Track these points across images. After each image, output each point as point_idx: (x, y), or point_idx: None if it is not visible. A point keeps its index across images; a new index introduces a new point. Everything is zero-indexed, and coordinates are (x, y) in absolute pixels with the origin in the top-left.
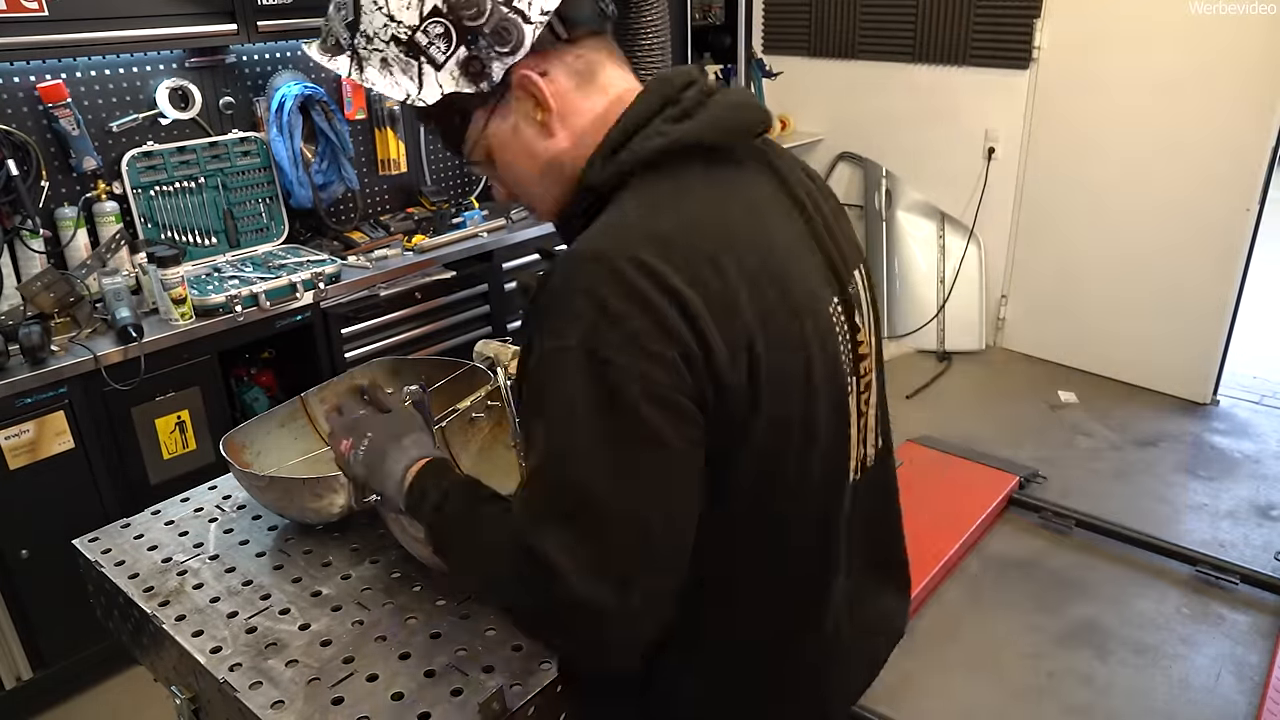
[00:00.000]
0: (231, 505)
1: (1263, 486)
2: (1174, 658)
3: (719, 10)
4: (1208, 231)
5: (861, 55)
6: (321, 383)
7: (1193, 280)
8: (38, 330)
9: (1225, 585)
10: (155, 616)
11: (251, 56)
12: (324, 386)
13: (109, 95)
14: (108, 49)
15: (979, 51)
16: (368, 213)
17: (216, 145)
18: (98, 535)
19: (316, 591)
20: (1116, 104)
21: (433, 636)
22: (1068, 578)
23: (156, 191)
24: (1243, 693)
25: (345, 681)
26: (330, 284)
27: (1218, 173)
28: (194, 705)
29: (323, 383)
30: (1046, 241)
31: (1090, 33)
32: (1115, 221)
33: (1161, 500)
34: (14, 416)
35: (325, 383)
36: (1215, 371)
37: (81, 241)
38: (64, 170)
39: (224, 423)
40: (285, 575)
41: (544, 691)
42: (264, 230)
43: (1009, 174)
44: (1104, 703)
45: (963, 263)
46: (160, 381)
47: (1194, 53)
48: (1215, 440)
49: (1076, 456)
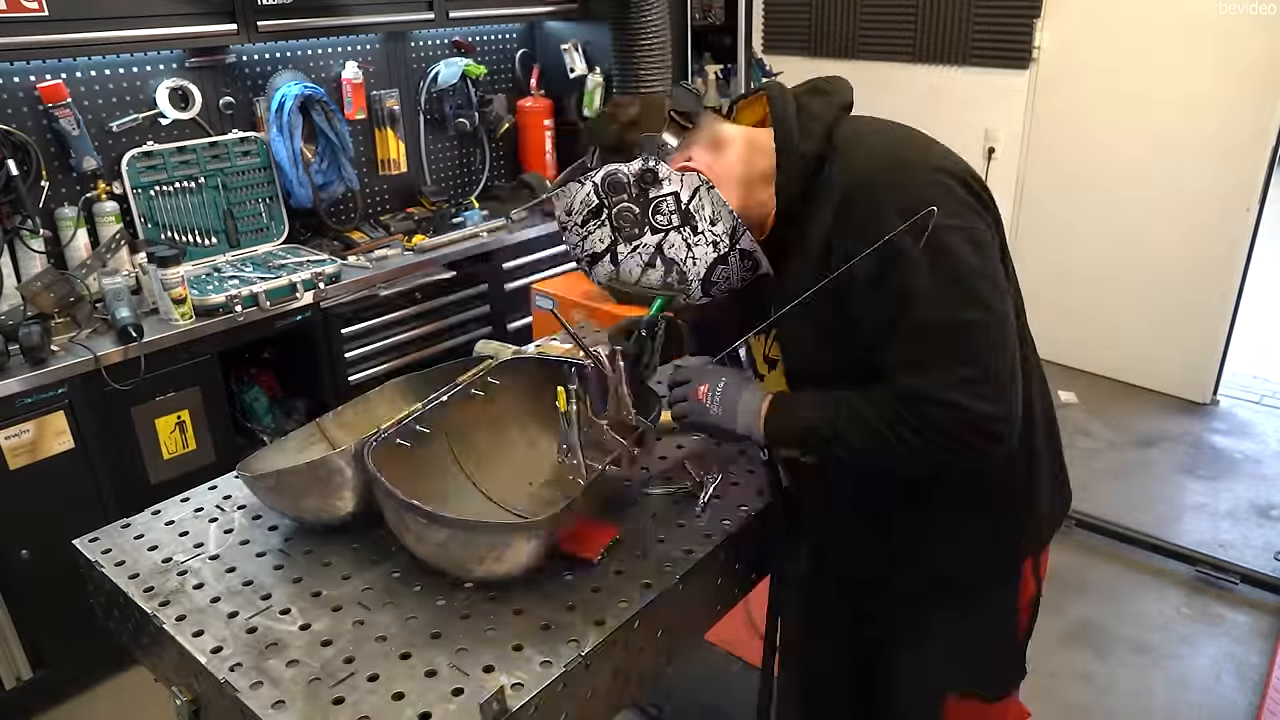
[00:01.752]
0: (231, 505)
1: (1263, 486)
2: (1174, 658)
3: (719, 10)
4: (1208, 231)
5: (861, 55)
6: (335, 376)
7: (1193, 280)
8: (38, 330)
9: (1225, 585)
10: (155, 616)
11: (251, 56)
12: (339, 411)
13: (109, 95)
14: (108, 49)
15: (979, 51)
16: (368, 213)
17: (216, 145)
18: (98, 535)
19: (317, 591)
20: (1116, 104)
21: (433, 636)
22: (1068, 578)
23: (156, 191)
24: (1243, 693)
25: (346, 681)
26: (330, 284)
27: (1218, 173)
28: (194, 706)
29: (338, 408)
30: (1046, 241)
31: (1090, 33)
32: (1115, 221)
33: (1161, 500)
34: (14, 416)
35: (340, 408)
36: (1215, 371)
37: (81, 241)
38: (64, 170)
39: (224, 423)
40: (286, 575)
41: (544, 691)
42: (264, 230)
43: (1009, 174)
44: (1103, 702)
45: None
46: (160, 381)
47: (1194, 53)
48: (1215, 440)
49: (1076, 456)
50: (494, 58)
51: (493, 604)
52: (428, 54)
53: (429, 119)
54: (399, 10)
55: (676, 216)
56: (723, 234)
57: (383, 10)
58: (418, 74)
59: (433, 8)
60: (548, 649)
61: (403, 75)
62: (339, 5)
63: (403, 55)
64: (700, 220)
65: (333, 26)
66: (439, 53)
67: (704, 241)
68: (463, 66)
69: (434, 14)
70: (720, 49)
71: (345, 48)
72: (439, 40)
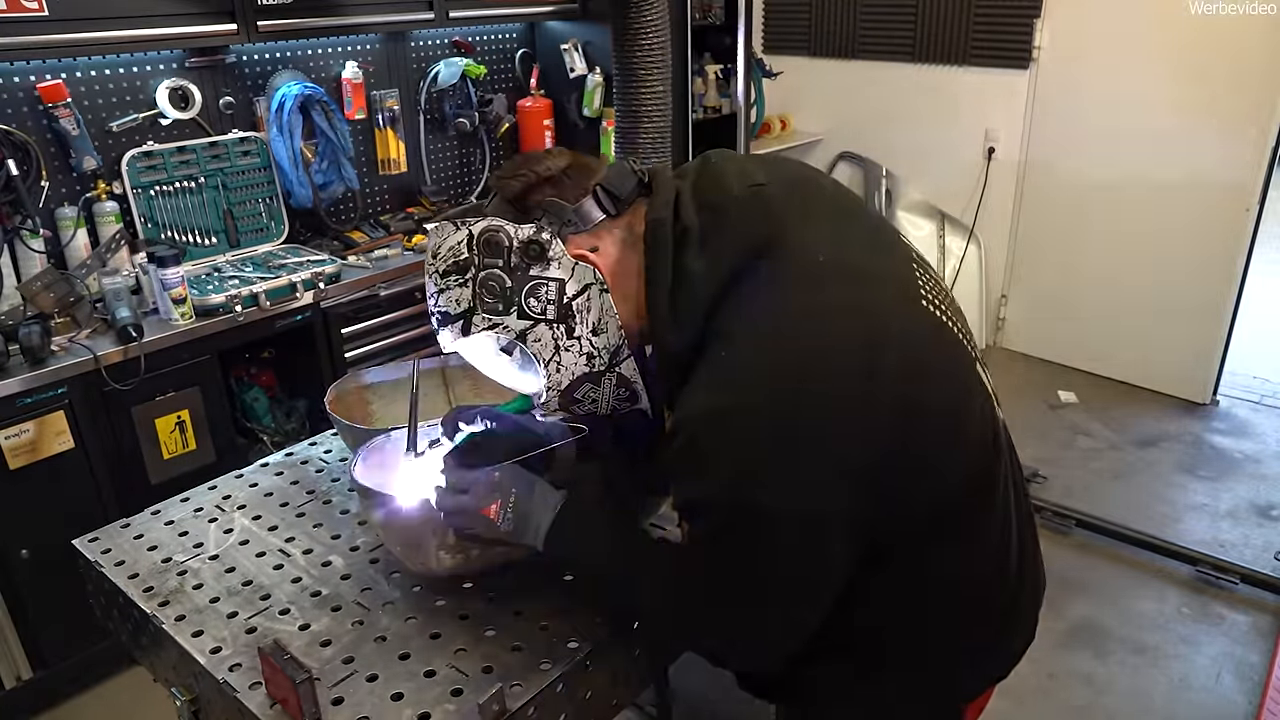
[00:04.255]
0: (231, 505)
1: (1263, 486)
2: (1174, 658)
3: (719, 10)
4: (1208, 231)
5: (861, 55)
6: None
7: (1193, 280)
8: (38, 330)
9: (1225, 585)
10: (155, 616)
11: (251, 56)
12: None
13: (109, 95)
14: (108, 49)
15: (979, 51)
16: (368, 212)
17: (216, 145)
18: (98, 535)
19: (316, 592)
20: (1116, 104)
21: (433, 636)
22: (1068, 578)
23: (156, 191)
24: (1243, 693)
25: (345, 681)
26: (330, 284)
27: (1218, 173)
28: (194, 706)
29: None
30: (1046, 241)
31: (1090, 33)
32: (1115, 222)
33: (1161, 500)
34: (14, 416)
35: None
36: (1215, 371)
37: (81, 241)
38: (64, 170)
39: (224, 423)
40: (285, 575)
41: (544, 691)
42: (264, 230)
43: (1009, 174)
44: (1104, 703)
45: (963, 263)
46: (160, 381)
47: (1194, 53)
48: (1215, 440)
49: (1076, 456)
50: (494, 58)
51: (492, 605)
52: (428, 54)
53: (429, 119)
54: (399, 10)
55: (554, 309)
56: (602, 349)
57: (383, 10)
58: (418, 74)
59: (433, 8)
60: (546, 650)
61: (403, 75)
62: (339, 5)
63: (403, 55)
64: (580, 325)
65: (333, 26)
66: (439, 53)
67: (577, 350)
68: (463, 66)
69: (434, 14)
70: (720, 49)
71: (345, 48)
72: (439, 40)
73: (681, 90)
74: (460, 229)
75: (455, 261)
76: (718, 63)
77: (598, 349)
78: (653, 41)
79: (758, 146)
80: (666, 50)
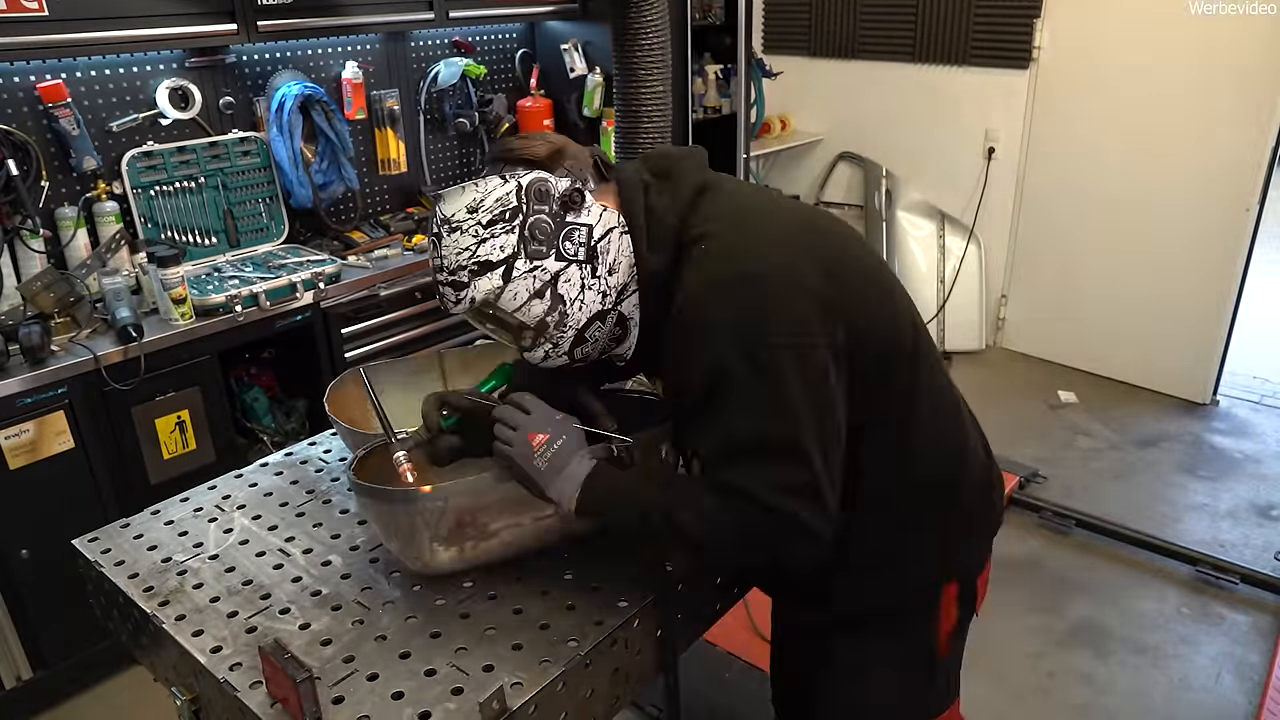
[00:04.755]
0: (231, 505)
1: (1263, 486)
2: (1174, 658)
3: (719, 10)
4: (1208, 231)
5: (861, 55)
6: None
7: (1193, 280)
8: (38, 330)
9: (1225, 585)
10: (155, 616)
11: (251, 56)
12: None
13: (109, 95)
14: (108, 49)
15: (979, 51)
16: (368, 212)
17: (216, 145)
18: (98, 535)
19: (316, 591)
20: (1116, 104)
21: (433, 636)
22: (1068, 578)
23: (156, 191)
24: (1243, 693)
25: (345, 681)
26: (330, 284)
27: (1218, 173)
28: (194, 706)
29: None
30: (1046, 241)
31: (1090, 33)
32: (1115, 221)
33: (1161, 500)
34: (14, 416)
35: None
36: (1215, 371)
37: (81, 241)
38: (64, 170)
39: (224, 423)
40: (285, 575)
41: (545, 690)
42: (264, 230)
43: (1009, 174)
44: (1104, 702)
45: (963, 263)
46: (160, 381)
47: (1194, 53)
48: (1215, 440)
49: (1076, 456)
50: (494, 58)
51: (492, 604)
52: (428, 54)
53: (429, 119)
54: (399, 10)
55: (584, 251)
56: (613, 287)
57: (383, 10)
58: (418, 74)
59: (433, 8)
60: (547, 648)
61: (403, 75)
62: (339, 5)
63: (403, 55)
64: (601, 264)
65: (333, 26)
66: (439, 53)
67: (596, 288)
68: (463, 66)
69: (434, 14)
70: (720, 49)
71: (345, 48)
72: (439, 40)
73: (681, 90)
74: (509, 180)
75: (504, 210)
76: (718, 63)
77: (611, 287)
78: (653, 41)
79: (758, 146)
80: (666, 50)
